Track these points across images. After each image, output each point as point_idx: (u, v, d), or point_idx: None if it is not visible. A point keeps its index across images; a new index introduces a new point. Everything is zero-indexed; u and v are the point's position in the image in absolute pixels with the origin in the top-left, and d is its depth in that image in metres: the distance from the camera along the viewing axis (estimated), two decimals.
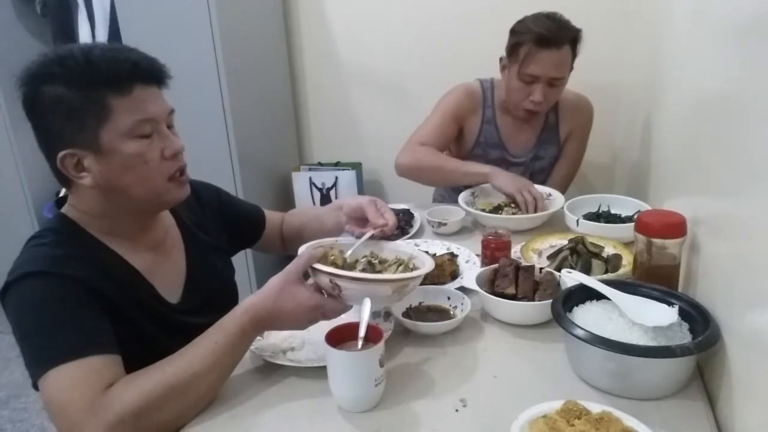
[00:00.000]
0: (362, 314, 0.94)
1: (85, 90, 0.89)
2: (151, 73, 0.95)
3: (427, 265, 1.01)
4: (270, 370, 1.00)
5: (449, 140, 1.83)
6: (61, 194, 1.05)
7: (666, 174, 1.43)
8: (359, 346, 0.89)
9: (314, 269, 0.94)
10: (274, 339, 1.08)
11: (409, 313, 1.12)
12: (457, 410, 0.88)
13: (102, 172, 0.93)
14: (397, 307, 1.10)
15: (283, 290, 0.92)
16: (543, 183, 1.78)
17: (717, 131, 0.97)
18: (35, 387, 0.85)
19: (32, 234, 0.97)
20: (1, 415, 2.20)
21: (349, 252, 1.07)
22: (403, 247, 1.13)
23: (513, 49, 1.66)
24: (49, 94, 0.89)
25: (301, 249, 1.02)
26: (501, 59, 1.74)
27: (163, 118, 0.97)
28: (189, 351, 0.89)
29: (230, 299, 1.19)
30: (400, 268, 1.04)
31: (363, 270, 1.02)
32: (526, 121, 1.78)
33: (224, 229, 1.25)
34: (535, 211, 1.56)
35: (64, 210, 1.01)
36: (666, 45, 1.55)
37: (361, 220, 1.17)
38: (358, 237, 1.11)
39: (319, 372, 0.93)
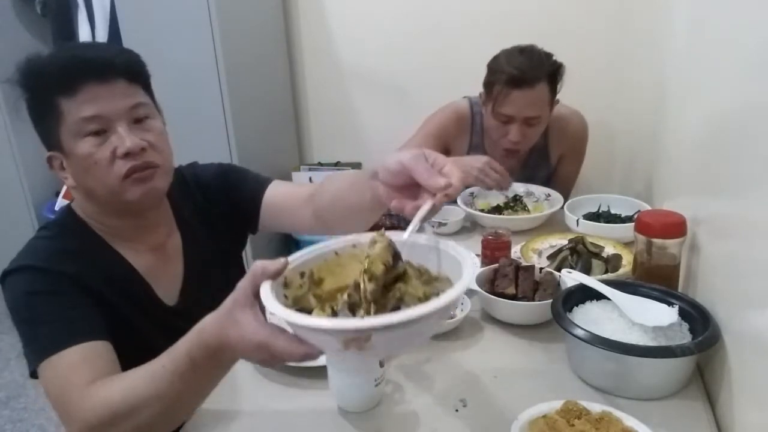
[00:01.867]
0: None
1: (38, 93, 0.91)
2: (108, 69, 0.91)
3: (422, 307, 0.56)
4: (270, 370, 1.00)
5: None
6: (62, 194, 1.06)
7: (666, 174, 1.43)
8: None
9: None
10: None
11: None
12: (457, 410, 0.88)
13: (72, 174, 0.95)
14: None
15: (230, 313, 0.68)
16: (536, 203, 1.72)
17: (717, 131, 0.97)
18: (33, 376, 0.87)
19: (41, 225, 1.00)
20: (1, 415, 2.20)
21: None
22: (453, 251, 0.69)
23: (487, 87, 1.63)
24: (25, 99, 0.93)
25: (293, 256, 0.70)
26: (480, 94, 1.69)
27: (121, 115, 0.92)
28: (140, 371, 0.78)
29: None
30: (396, 299, 0.65)
31: (350, 294, 0.64)
32: (507, 158, 1.70)
33: (231, 211, 1.15)
34: (506, 185, 1.57)
35: (73, 204, 1.02)
36: (667, 45, 1.55)
37: (409, 188, 0.74)
38: (409, 217, 0.72)
39: (319, 372, 0.93)
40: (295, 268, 0.69)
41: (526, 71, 1.53)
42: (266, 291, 0.64)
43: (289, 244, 2.58)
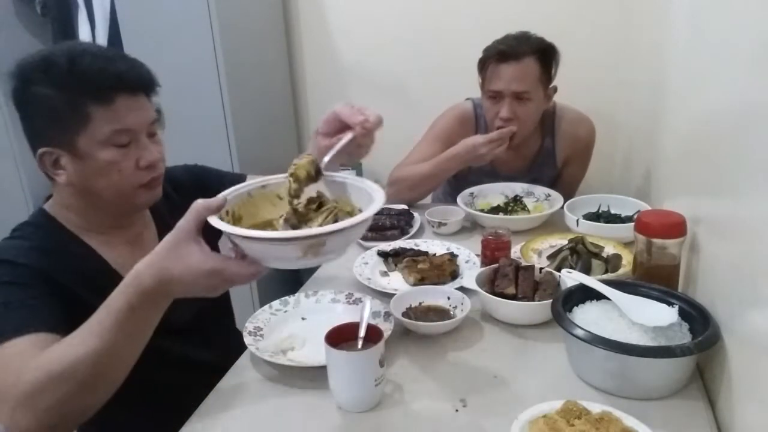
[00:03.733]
0: (362, 314, 0.94)
1: (67, 95, 0.91)
2: (138, 84, 0.96)
3: (362, 215, 0.76)
4: (270, 370, 1.00)
5: None
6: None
7: (666, 174, 1.43)
8: (359, 346, 0.90)
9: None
10: (274, 339, 1.08)
11: (409, 313, 1.12)
12: (457, 410, 0.88)
13: (76, 173, 0.96)
14: (396, 307, 1.10)
15: (170, 251, 0.76)
16: (536, 203, 1.72)
17: (717, 131, 0.97)
18: None
19: (13, 228, 1.02)
20: None
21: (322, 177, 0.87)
22: (361, 183, 0.90)
23: (481, 68, 1.66)
24: (35, 93, 0.92)
25: (228, 190, 0.85)
26: (479, 83, 1.72)
27: (144, 128, 0.98)
28: (74, 334, 0.80)
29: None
30: (330, 216, 0.84)
31: (286, 220, 0.84)
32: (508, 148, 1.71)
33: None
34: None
35: (45, 206, 1.04)
36: (667, 46, 1.55)
37: (339, 130, 0.94)
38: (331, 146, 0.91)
39: (319, 372, 0.93)
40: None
41: (513, 46, 1.59)
42: (217, 221, 0.76)
43: None
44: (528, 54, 1.58)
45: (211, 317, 1.19)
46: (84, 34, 2.38)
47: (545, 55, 1.61)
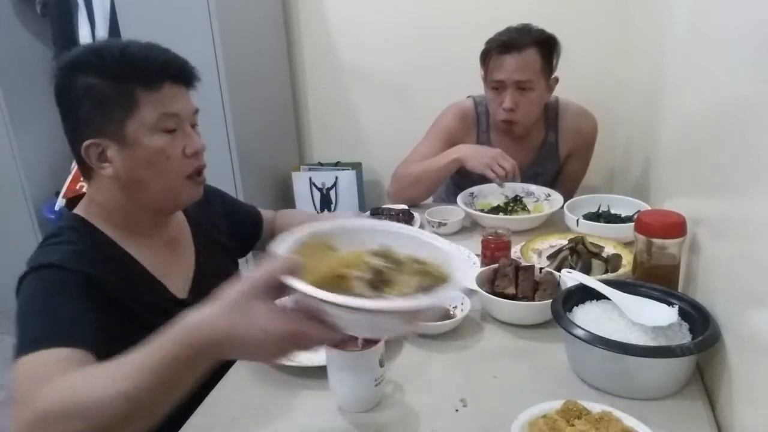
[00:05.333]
0: None
1: (116, 81, 0.92)
2: (181, 73, 0.99)
3: (456, 280, 0.67)
4: (270, 370, 1.00)
5: None
6: (63, 193, 1.06)
7: (666, 174, 1.43)
8: (359, 346, 0.89)
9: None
10: None
11: None
12: (457, 410, 0.88)
13: (124, 164, 0.95)
14: None
15: (236, 306, 0.64)
16: (536, 203, 1.73)
17: (717, 131, 0.97)
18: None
19: (49, 233, 0.98)
20: (1, 415, 2.20)
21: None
22: (427, 237, 0.76)
23: (483, 60, 1.69)
24: (81, 83, 0.93)
25: (279, 242, 0.71)
26: (482, 76, 1.74)
27: (188, 117, 1.01)
28: (107, 371, 0.70)
29: None
30: (419, 279, 0.68)
31: (367, 281, 0.67)
32: (508, 134, 1.75)
33: (230, 232, 1.26)
34: (514, 179, 1.59)
35: (77, 210, 1.02)
36: (668, 46, 1.55)
37: None
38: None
39: (319, 372, 0.93)
40: None
41: (515, 37, 1.62)
42: (304, 285, 0.62)
43: None
44: (529, 45, 1.61)
45: None
46: (84, 34, 2.38)
47: (546, 46, 1.64)
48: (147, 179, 0.97)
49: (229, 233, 1.26)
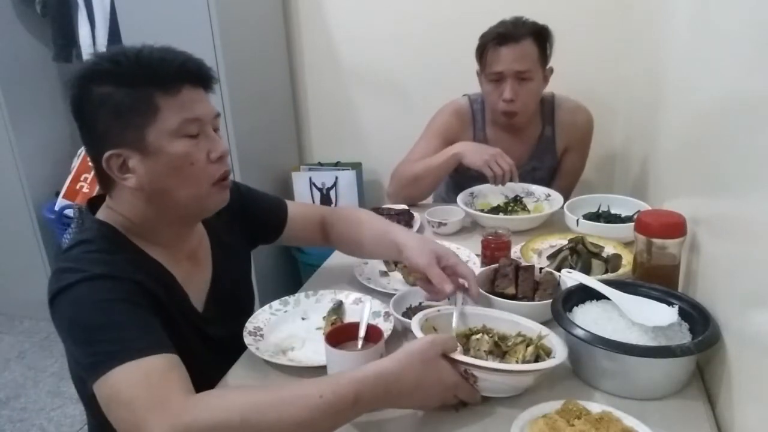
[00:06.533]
0: (362, 314, 0.94)
1: (133, 88, 0.89)
2: (199, 76, 0.95)
3: (561, 347, 0.90)
4: (270, 370, 1.00)
5: None
6: (63, 194, 1.05)
7: (666, 174, 1.43)
8: (359, 346, 0.90)
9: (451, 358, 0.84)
10: (274, 339, 1.08)
11: (408, 313, 1.11)
12: (457, 410, 0.88)
13: (147, 173, 0.91)
14: (397, 307, 1.10)
15: (430, 361, 0.82)
16: (536, 203, 1.73)
17: (717, 131, 0.97)
18: (89, 387, 0.82)
19: (77, 240, 0.94)
20: (0, 415, 2.20)
21: (454, 324, 0.97)
22: (513, 318, 1.00)
23: (480, 54, 1.70)
24: (97, 93, 0.89)
25: (415, 323, 0.93)
26: (477, 72, 1.75)
27: (209, 120, 0.96)
28: (287, 390, 0.79)
29: (245, 310, 1.18)
30: (529, 348, 0.90)
31: (489, 352, 0.91)
32: (509, 127, 1.76)
33: (245, 225, 1.21)
34: (511, 180, 1.59)
35: (100, 216, 0.98)
36: (667, 45, 1.55)
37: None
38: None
39: (319, 372, 0.93)
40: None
41: (510, 29, 1.64)
42: (470, 359, 0.85)
43: (290, 248, 2.58)
44: (526, 35, 1.63)
45: (233, 326, 1.12)
46: (84, 34, 2.38)
47: (541, 36, 1.66)
48: (172, 187, 0.93)
49: (243, 228, 1.21)
